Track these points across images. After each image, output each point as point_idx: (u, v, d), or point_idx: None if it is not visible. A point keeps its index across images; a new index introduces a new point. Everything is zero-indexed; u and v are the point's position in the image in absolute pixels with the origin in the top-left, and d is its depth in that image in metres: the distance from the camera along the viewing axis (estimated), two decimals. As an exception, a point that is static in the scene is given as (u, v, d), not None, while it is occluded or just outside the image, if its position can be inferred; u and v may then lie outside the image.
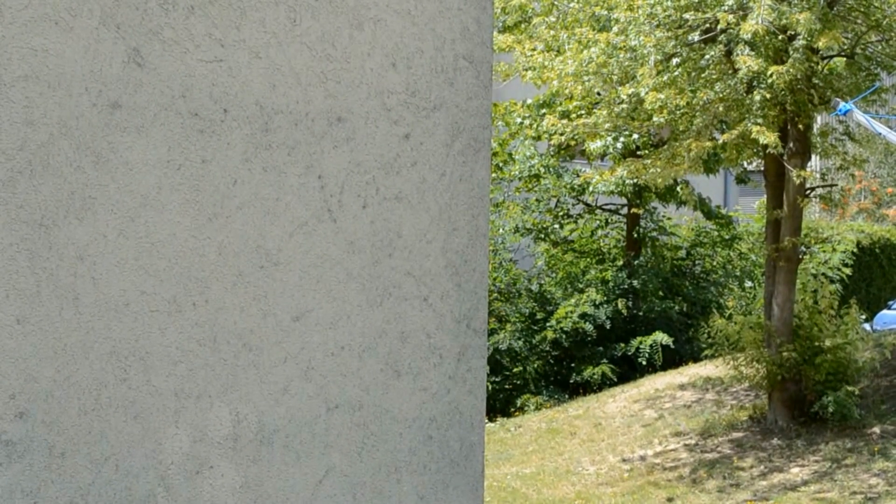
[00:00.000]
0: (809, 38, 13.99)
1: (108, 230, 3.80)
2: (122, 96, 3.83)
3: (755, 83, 14.39)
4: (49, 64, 3.68)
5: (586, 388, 20.85)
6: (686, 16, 14.58)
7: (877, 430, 15.82)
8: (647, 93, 14.64)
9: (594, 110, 15.79)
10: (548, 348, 21.67)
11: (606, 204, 23.70)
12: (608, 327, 21.77)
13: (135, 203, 3.86)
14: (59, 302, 3.71)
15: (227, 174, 4.07)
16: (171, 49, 3.94)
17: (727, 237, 23.99)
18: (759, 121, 14.53)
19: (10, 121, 3.61)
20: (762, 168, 16.73)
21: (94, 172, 3.78)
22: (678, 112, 14.90)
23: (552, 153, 21.34)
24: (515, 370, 21.32)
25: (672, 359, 21.54)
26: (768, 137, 14.51)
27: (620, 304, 22.06)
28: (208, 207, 4.03)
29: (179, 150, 3.96)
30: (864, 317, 18.92)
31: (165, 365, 3.92)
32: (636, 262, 23.02)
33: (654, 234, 23.71)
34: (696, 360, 20.29)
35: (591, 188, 21.62)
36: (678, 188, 21.54)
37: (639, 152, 16.81)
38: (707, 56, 14.77)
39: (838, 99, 13.39)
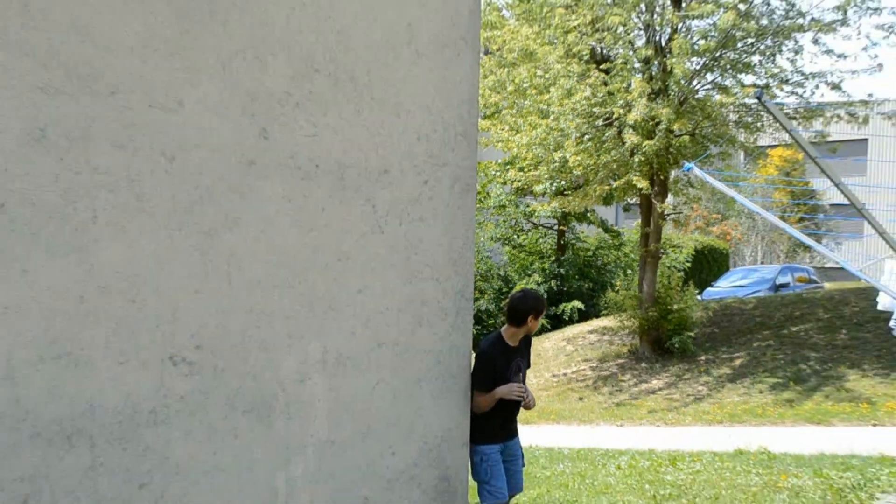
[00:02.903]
0: (668, 124, 14.05)
1: (247, 238, 3.82)
2: (256, 157, 3.85)
3: (635, 151, 14.44)
4: (213, 137, 3.70)
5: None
6: (594, 110, 14.62)
7: (703, 358, 15.87)
8: (570, 156, 14.71)
9: (539, 167, 15.85)
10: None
11: (545, 223, 23.76)
12: (547, 297, 21.90)
13: (263, 222, 3.88)
14: (219, 281, 3.73)
15: (319, 204, 4.09)
16: (284, 128, 3.96)
17: (617, 244, 24.10)
18: (637, 174, 14.60)
19: (190, 172, 3.63)
20: (638, 202, 16.78)
21: (239, 203, 3.79)
22: (589, 168, 14.95)
23: (513, 192, 21.42)
24: (490, 322, 21.41)
25: (584, 316, 21.61)
26: (643, 183, 14.60)
27: (553, 283, 22.20)
28: (308, 225, 4.05)
29: (290, 189, 3.98)
30: (697, 291, 19.00)
31: (282, 319, 3.94)
32: (563, 258, 23.14)
33: (574, 241, 23.82)
34: (598, 316, 20.34)
35: (536, 214, 21.81)
36: (588, 214, 21.68)
37: (565, 192, 16.88)
38: (606, 134, 14.82)
39: (685, 161, 13.42)
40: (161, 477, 3.53)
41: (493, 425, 4.91)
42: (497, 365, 4.92)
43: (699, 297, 21.08)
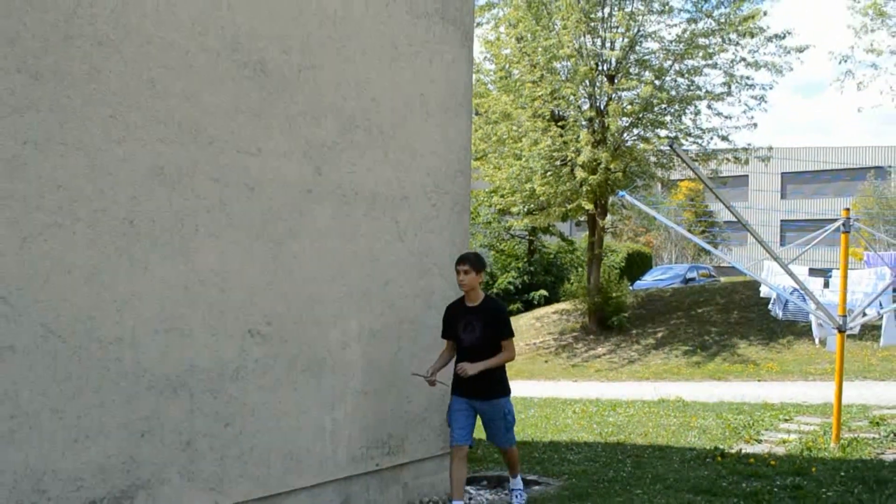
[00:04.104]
0: (606, 164, 14.05)
1: (305, 246, 3.80)
2: (312, 187, 3.84)
3: (583, 183, 14.42)
4: (281, 173, 3.69)
5: (511, 313, 20.69)
6: (554, 154, 14.63)
7: (634, 332, 15.80)
8: (537, 187, 14.71)
9: (514, 194, 15.84)
10: (495, 295, 21.73)
11: (519, 234, 23.67)
12: (521, 287, 21.80)
13: (317, 234, 3.86)
14: (287, 275, 3.70)
15: (357, 220, 4.07)
16: (333, 167, 3.94)
17: (571, 249, 23.94)
18: (585, 199, 14.57)
19: (265, 198, 3.61)
20: (586, 219, 16.73)
21: (299, 220, 3.78)
22: (550, 195, 14.93)
23: (496, 212, 21.31)
24: (480, 306, 21.34)
25: (548, 301, 21.49)
26: (589, 206, 14.57)
27: (525, 277, 22.08)
28: (349, 236, 4.02)
29: (337, 211, 3.96)
30: (629, 284, 18.89)
31: (330, 303, 3.91)
32: (532, 259, 23.02)
33: (540, 247, 23.70)
34: (558, 301, 20.23)
35: (512, 228, 21.77)
36: (550, 228, 21.62)
37: (533, 212, 16.82)
38: (562, 171, 14.78)
39: (619, 190, 13.41)
40: (241, 418, 3.51)
41: (455, 380, 4.12)
42: (450, 319, 4.14)
43: (631, 287, 20.97)
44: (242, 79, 3.51)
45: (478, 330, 4.01)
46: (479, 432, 4.86)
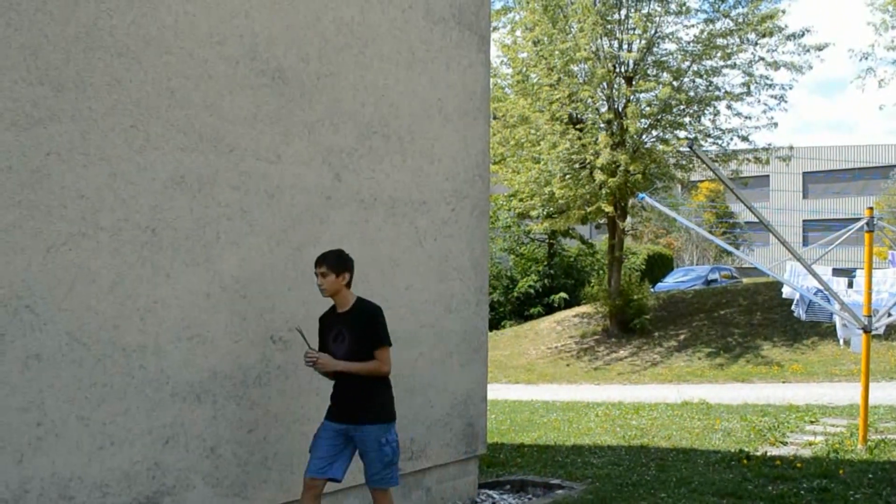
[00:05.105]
0: (626, 166, 13.91)
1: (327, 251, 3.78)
2: (332, 194, 3.81)
3: (603, 186, 14.28)
4: (301, 180, 3.67)
5: (531, 317, 20.67)
6: (572, 157, 14.51)
7: (656, 334, 15.59)
8: (556, 190, 14.60)
9: (533, 198, 15.74)
10: (515, 299, 21.66)
11: (538, 238, 23.50)
12: (541, 290, 21.63)
13: (337, 237, 3.83)
14: (305, 282, 3.66)
15: (377, 226, 4.04)
16: (352, 173, 3.92)
17: (591, 252, 23.68)
18: (605, 202, 14.43)
19: (285, 205, 3.59)
20: (606, 222, 16.56)
21: (320, 226, 3.75)
22: (569, 198, 14.82)
23: (515, 216, 21.17)
24: (500, 309, 21.20)
25: (569, 304, 21.30)
26: (609, 209, 14.43)
27: (545, 281, 21.90)
28: (368, 241, 4.00)
29: (356, 216, 3.93)
30: (651, 286, 18.65)
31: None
32: (552, 263, 22.83)
33: (560, 250, 23.49)
34: (579, 304, 20.05)
35: (532, 231, 21.63)
36: (570, 231, 21.45)
37: (553, 215, 16.67)
38: (581, 174, 14.66)
39: (638, 192, 13.27)
40: (264, 424, 3.49)
41: (332, 398, 3.33)
42: (322, 332, 3.37)
43: (652, 289, 20.72)
44: (261, 87, 3.51)
45: (347, 340, 3.23)
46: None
